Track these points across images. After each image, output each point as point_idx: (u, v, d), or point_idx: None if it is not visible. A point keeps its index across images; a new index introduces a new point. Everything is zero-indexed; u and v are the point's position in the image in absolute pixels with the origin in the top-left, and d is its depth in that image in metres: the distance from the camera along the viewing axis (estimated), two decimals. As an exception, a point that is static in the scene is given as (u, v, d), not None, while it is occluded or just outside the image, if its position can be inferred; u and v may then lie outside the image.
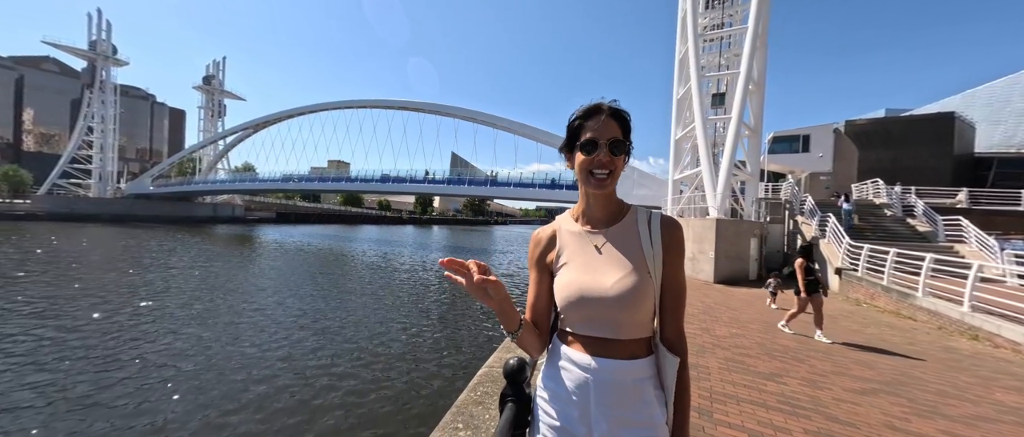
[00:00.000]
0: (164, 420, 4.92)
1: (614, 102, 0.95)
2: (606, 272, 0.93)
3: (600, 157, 0.91)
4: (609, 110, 0.93)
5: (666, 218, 0.98)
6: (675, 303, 0.96)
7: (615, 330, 0.92)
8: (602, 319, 0.93)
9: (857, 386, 3.65)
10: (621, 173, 0.95)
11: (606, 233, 0.98)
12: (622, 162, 0.93)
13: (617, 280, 0.91)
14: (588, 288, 0.93)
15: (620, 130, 0.93)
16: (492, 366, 3.52)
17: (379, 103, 38.86)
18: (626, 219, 0.98)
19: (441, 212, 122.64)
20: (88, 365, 6.37)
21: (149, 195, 51.65)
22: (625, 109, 0.95)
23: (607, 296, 0.91)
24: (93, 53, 49.93)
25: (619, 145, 0.91)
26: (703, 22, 16.41)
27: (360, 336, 8.47)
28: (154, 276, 14.12)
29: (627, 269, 0.92)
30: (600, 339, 0.93)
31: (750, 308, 7.42)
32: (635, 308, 0.91)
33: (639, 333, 0.94)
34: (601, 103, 0.95)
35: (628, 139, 0.94)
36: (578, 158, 0.94)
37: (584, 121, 0.94)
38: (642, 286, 0.91)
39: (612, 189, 0.96)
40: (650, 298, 0.93)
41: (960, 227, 11.09)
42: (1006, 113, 22.31)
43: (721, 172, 12.51)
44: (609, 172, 0.92)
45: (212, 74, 62.56)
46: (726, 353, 4.43)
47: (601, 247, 0.96)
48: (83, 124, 50.85)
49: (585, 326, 0.95)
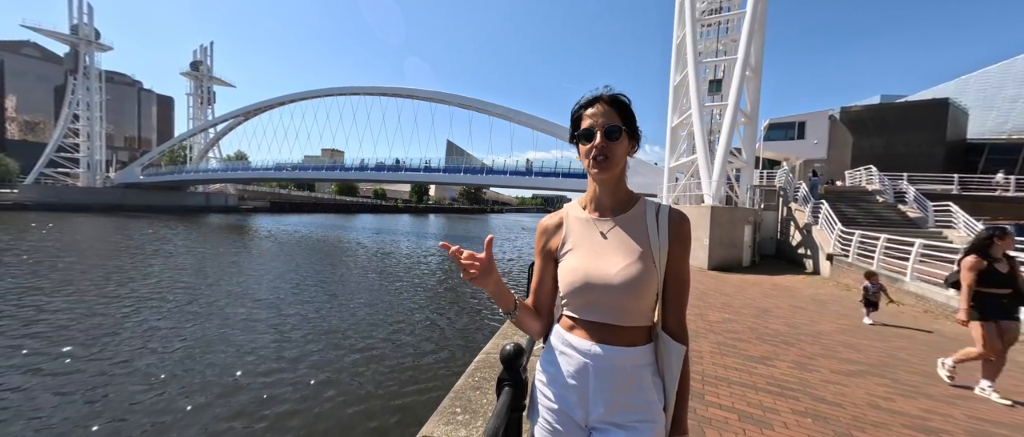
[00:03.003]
0: (155, 416, 4.97)
1: (611, 89, 0.97)
2: (611, 259, 0.95)
3: (596, 142, 0.93)
4: (607, 98, 0.95)
5: (675, 211, 0.99)
6: (678, 294, 0.98)
7: (617, 316, 0.94)
8: (605, 305, 0.95)
9: (844, 368, 3.76)
10: (625, 158, 0.97)
11: (613, 221, 0.99)
12: (623, 147, 0.95)
13: (622, 267, 0.93)
14: (592, 274, 0.94)
15: (619, 116, 0.94)
16: (489, 352, 3.57)
17: (373, 90, 38.25)
18: (635, 209, 1.00)
19: (437, 200, 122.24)
20: (81, 361, 6.39)
21: (140, 184, 50.90)
22: (625, 95, 0.96)
23: (611, 283, 0.92)
24: (75, 37, 48.39)
25: (615, 131, 0.92)
26: (701, 7, 16.18)
27: (357, 325, 8.53)
28: (152, 266, 14.04)
29: (632, 257, 0.94)
30: (602, 324, 0.95)
31: (742, 294, 7.54)
32: (638, 296, 0.93)
33: (640, 321, 0.96)
34: (600, 93, 0.96)
35: (629, 125, 0.95)
36: (580, 148, 0.97)
37: (583, 111, 0.97)
38: (646, 274, 0.93)
39: (615, 174, 0.97)
40: (653, 287, 0.94)
41: (949, 213, 11.27)
42: (999, 99, 22.44)
43: (717, 160, 12.55)
44: (606, 157, 0.93)
45: (200, 60, 61.01)
46: (718, 338, 4.53)
47: (607, 233, 0.98)
48: (68, 112, 49.63)
49: (587, 311, 0.97)
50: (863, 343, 4.69)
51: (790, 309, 6.40)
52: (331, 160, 48.37)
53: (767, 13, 14.11)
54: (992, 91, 22.86)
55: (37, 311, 8.49)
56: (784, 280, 9.60)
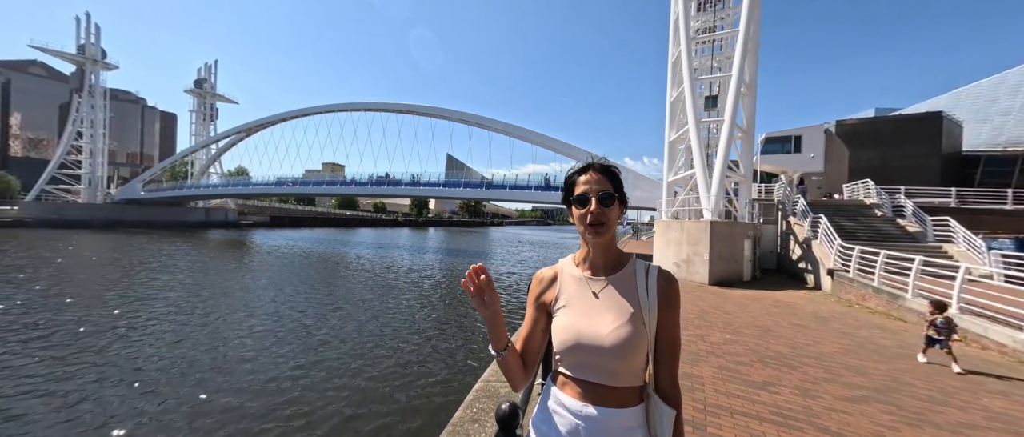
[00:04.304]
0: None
1: (603, 159, 1.04)
2: (602, 319, 0.96)
3: (591, 209, 0.97)
4: (599, 167, 1.01)
5: (663, 272, 1.02)
6: (669, 355, 0.99)
7: (608, 377, 0.95)
8: (595, 365, 0.96)
9: (848, 393, 3.70)
10: (617, 223, 1.01)
11: (605, 280, 1.02)
12: (615, 212, 0.99)
13: (612, 329, 0.94)
14: (584, 334, 0.96)
15: (610, 184, 0.99)
16: (487, 380, 3.52)
17: (374, 106, 38.73)
18: (626, 269, 1.03)
19: (437, 214, 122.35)
20: (85, 373, 6.29)
21: (140, 200, 51.02)
22: (615, 165, 1.02)
23: (602, 344, 0.94)
24: (82, 57, 49.23)
25: (608, 198, 0.97)
26: (695, 25, 16.56)
27: (352, 347, 8.42)
28: (146, 286, 13.96)
29: (622, 318, 0.95)
30: (593, 384, 0.96)
31: (744, 311, 7.49)
32: (629, 357, 0.94)
33: (632, 381, 0.97)
34: (593, 161, 1.03)
35: (619, 191, 1.01)
36: (575, 211, 1.00)
37: (577, 177, 1.02)
38: (636, 336, 0.94)
39: (609, 238, 1.01)
40: (643, 348, 0.96)
41: (948, 227, 11.27)
42: (992, 112, 22.72)
43: (715, 174, 12.63)
44: (602, 222, 0.97)
45: (204, 77, 61.94)
46: (720, 361, 4.47)
47: (599, 293, 1.01)
48: (72, 129, 50.12)
49: (579, 370, 0.98)
50: (867, 365, 4.63)
51: (792, 328, 6.34)
52: (332, 174, 48.57)
53: (760, 31, 14.43)
54: (985, 104, 23.17)
55: (60, 328, 8.40)
56: (785, 296, 9.54)
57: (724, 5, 16.51)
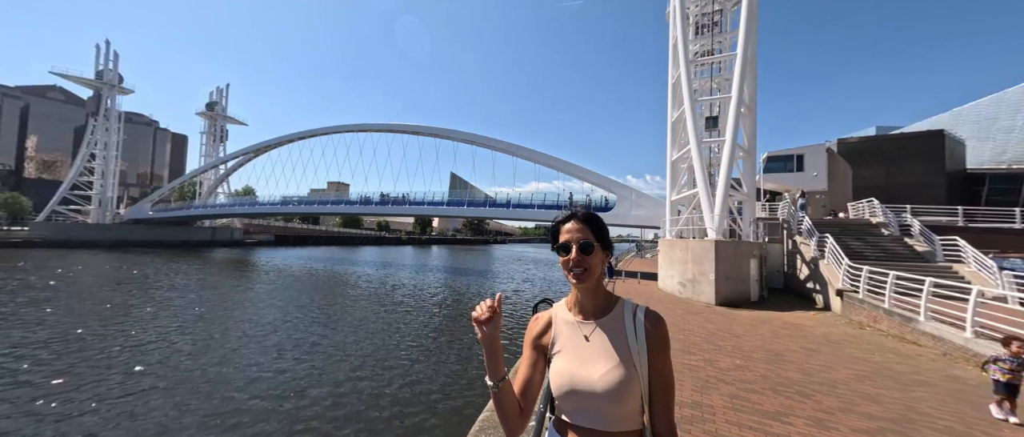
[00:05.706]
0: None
1: (586, 209, 1.09)
2: (594, 364, 0.98)
3: (572, 256, 1.02)
4: (582, 216, 1.06)
5: (651, 313, 1.04)
6: (663, 397, 0.99)
7: (605, 422, 0.97)
8: (590, 411, 0.97)
9: (864, 425, 3.60)
10: (601, 266, 1.04)
11: (595, 323, 1.04)
12: (597, 258, 1.03)
13: (602, 374, 0.96)
14: (578, 379, 0.98)
15: (592, 233, 1.03)
16: (493, 410, 3.46)
17: (380, 127, 39.47)
18: (614, 312, 1.05)
19: (440, 232, 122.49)
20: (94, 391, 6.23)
21: (148, 220, 51.63)
22: (596, 214, 1.08)
23: (594, 390, 0.95)
24: (100, 82, 50.97)
25: (589, 246, 1.01)
26: (694, 49, 16.97)
27: (356, 371, 8.31)
28: (150, 306, 13.96)
29: (613, 363, 0.97)
30: (591, 430, 0.98)
31: (753, 334, 7.35)
32: (622, 401, 0.95)
33: (629, 425, 0.98)
34: (576, 210, 1.08)
35: (601, 238, 1.04)
36: (560, 258, 1.05)
37: (561, 226, 1.06)
38: (627, 380, 0.95)
39: (593, 284, 1.04)
40: (636, 392, 0.96)
41: (957, 247, 11.12)
42: (994, 130, 22.75)
43: (718, 193, 12.64)
44: (584, 269, 1.01)
45: (215, 100, 63.72)
46: (730, 389, 4.38)
47: (590, 336, 1.03)
48: (86, 151, 51.33)
49: (576, 415, 1.00)
50: (882, 393, 4.51)
51: (803, 352, 6.20)
52: (337, 193, 49.05)
53: (757, 53, 14.75)
54: (986, 122, 23.23)
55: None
56: (794, 317, 9.37)
57: (722, 29, 16.96)
